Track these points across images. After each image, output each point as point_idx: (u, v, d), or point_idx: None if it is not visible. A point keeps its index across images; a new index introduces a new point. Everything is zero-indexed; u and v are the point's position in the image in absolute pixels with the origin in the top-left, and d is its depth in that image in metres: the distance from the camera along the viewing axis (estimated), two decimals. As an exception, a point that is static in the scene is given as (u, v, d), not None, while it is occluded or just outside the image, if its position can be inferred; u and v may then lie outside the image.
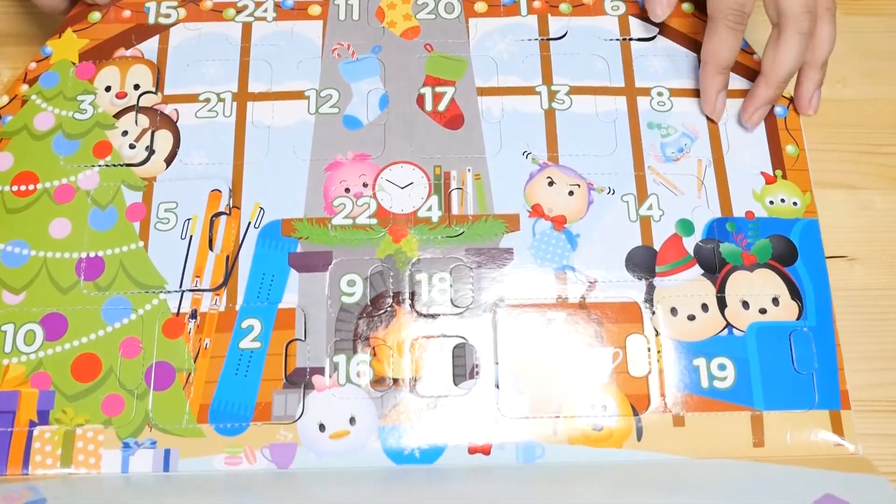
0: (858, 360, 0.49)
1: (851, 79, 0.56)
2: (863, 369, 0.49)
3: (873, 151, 0.54)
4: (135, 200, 0.49)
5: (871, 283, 0.51)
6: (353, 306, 0.48)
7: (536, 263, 0.48)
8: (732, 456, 0.45)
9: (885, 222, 0.53)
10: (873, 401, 0.48)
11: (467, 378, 0.46)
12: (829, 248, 0.50)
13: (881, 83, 0.56)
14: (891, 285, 0.51)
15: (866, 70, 0.57)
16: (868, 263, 0.51)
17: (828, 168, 0.53)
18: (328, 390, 0.46)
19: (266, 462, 0.45)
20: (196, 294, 0.47)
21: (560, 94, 0.52)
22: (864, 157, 0.54)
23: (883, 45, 0.58)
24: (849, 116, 0.55)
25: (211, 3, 0.54)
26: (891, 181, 0.54)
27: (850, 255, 0.52)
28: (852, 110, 0.55)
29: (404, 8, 0.54)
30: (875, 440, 0.47)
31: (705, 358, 0.47)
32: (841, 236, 0.52)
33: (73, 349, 0.46)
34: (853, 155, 0.54)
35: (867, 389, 0.48)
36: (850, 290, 0.51)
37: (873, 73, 0.57)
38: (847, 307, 0.50)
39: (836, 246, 0.51)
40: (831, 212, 0.52)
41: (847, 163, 0.54)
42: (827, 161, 0.54)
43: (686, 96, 0.52)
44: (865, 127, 0.55)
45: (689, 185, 0.50)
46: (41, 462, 0.44)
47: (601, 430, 0.45)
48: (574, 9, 0.55)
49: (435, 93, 0.52)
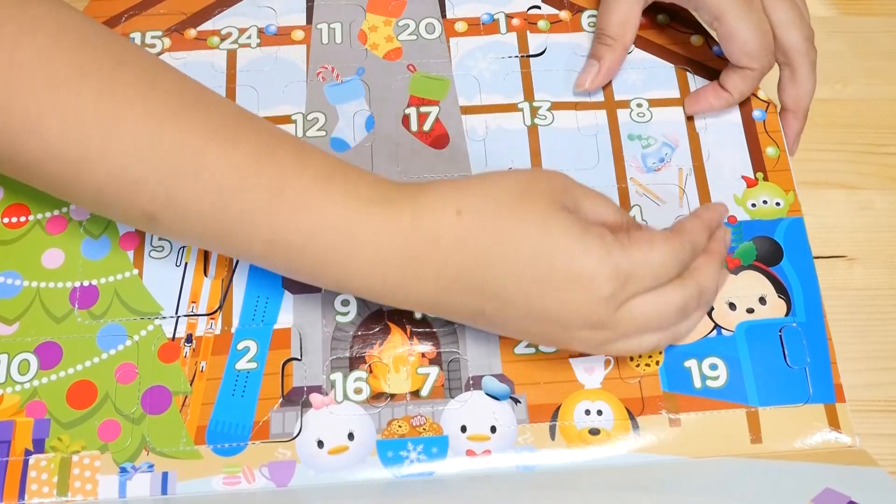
0: (858, 360, 0.49)
1: (851, 79, 0.57)
2: (862, 369, 0.49)
3: (873, 151, 0.55)
4: (128, 230, 0.50)
5: (870, 283, 0.51)
6: (347, 325, 0.48)
7: (527, 274, 0.49)
8: (731, 454, 0.45)
9: (884, 222, 0.53)
10: (873, 400, 0.48)
11: (463, 391, 0.46)
12: (828, 248, 0.51)
13: (881, 83, 0.57)
14: (890, 285, 0.51)
15: (866, 70, 0.57)
16: (867, 263, 0.52)
17: (827, 168, 0.54)
18: (326, 408, 0.46)
19: (265, 480, 0.44)
20: (191, 319, 0.48)
21: (542, 109, 0.53)
22: (864, 157, 0.54)
23: (883, 45, 0.58)
24: (848, 116, 0.55)
25: (195, 32, 0.55)
26: (891, 181, 0.54)
27: (849, 255, 0.52)
28: (852, 110, 0.56)
29: (386, 30, 0.55)
30: (875, 440, 0.47)
31: (696, 359, 0.47)
32: (840, 236, 0.52)
33: (67, 377, 0.46)
34: (853, 155, 0.54)
35: (867, 389, 0.48)
36: (850, 289, 0.51)
37: (873, 73, 0.57)
38: (846, 307, 0.50)
39: (835, 246, 0.52)
40: (831, 212, 0.52)
41: (847, 163, 0.54)
42: (826, 161, 0.54)
43: (664, 105, 0.53)
44: (865, 127, 0.55)
45: (670, 193, 0.51)
46: (37, 491, 0.44)
47: (598, 434, 0.46)
48: (552, 25, 0.56)
49: (420, 113, 0.53)
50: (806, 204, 0.51)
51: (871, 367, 0.49)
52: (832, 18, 0.58)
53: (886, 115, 0.56)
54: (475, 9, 0.56)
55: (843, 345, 0.48)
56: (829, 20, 0.58)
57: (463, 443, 0.45)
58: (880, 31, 0.58)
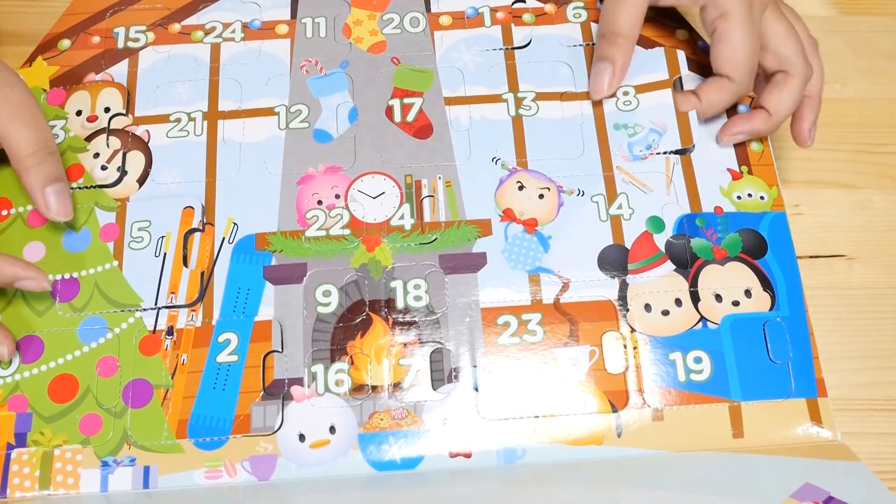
0: (857, 360, 0.49)
1: (851, 78, 0.57)
2: (862, 368, 0.48)
3: (872, 151, 0.54)
4: (108, 221, 0.49)
5: (869, 283, 0.51)
6: (329, 316, 0.48)
7: (510, 266, 0.49)
8: (713, 448, 0.45)
9: (883, 222, 0.53)
10: (872, 399, 0.48)
11: (446, 382, 0.46)
12: (827, 248, 0.51)
13: (881, 83, 0.57)
14: (889, 284, 0.51)
15: (866, 70, 0.57)
16: (867, 263, 0.51)
17: (827, 167, 0.53)
18: (307, 400, 0.46)
19: (246, 474, 0.44)
20: (172, 311, 0.47)
21: (526, 100, 0.53)
22: (863, 157, 0.54)
23: (883, 45, 0.58)
24: (848, 116, 0.55)
25: (179, 27, 0.55)
26: (889, 180, 0.54)
27: (848, 254, 0.51)
28: (851, 110, 0.55)
29: (370, 24, 0.55)
30: (874, 439, 0.47)
31: (681, 352, 0.47)
32: (839, 235, 0.52)
33: (49, 371, 0.46)
34: (852, 154, 0.54)
35: (866, 388, 0.48)
36: (849, 289, 0.51)
37: (873, 73, 0.57)
38: (846, 306, 0.50)
39: (834, 245, 0.51)
40: (830, 211, 0.52)
41: (846, 162, 0.54)
42: (826, 160, 0.54)
43: (651, 90, 0.53)
44: (864, 126, 0.55)
45: (657, 182, 0.51)
46: (19, 485, 0.44)
47: (581, 428, 0.45)
48: (537, 18, 0.56)
49: (403, 104, 0.53)
50: (805, 203, 0.51)
51: (870, 366, 0.49)
52: (832, 18, 0.58)
53: (886, 115, 0.56)
54: (460, 3, 0.56)
55: (843, 344, 0.48)
56: (828, 20, 0.58)
57: (445, 436, 0.45)
58: (880, 30, 0.58)
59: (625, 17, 0.51)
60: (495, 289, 0.48)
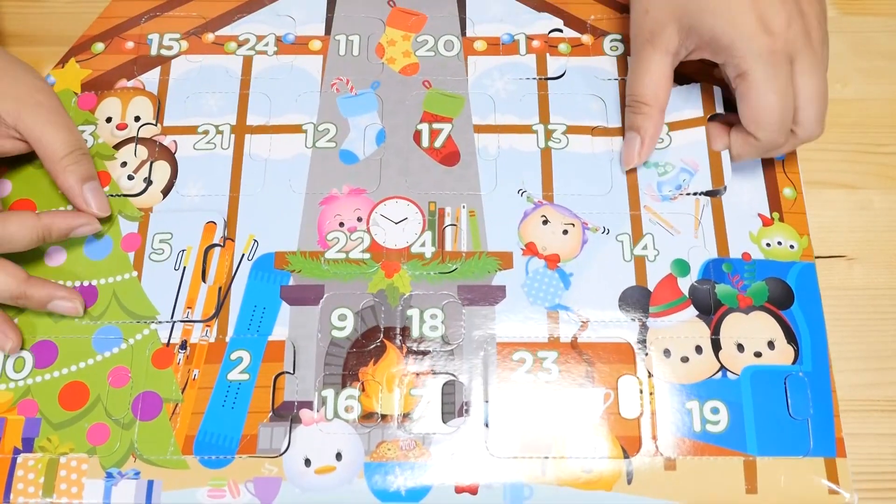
0: (857, 360, 0.48)
1: (851, 78, 0.56)
2: (861, 369, 0.48)
3: (872, 151, 0.54)
4: (130, 231, 0.49)
5: (869, 283, 0.51)
6: (343, 340, 0.47)
7: (529, 301, 0.48)
8: (724, 502, 0.44)
9: (883, 222, 0.52)
10: (871, 400, 0.48)
11: (456, 416, 0.46)
12: (827, 248, 0.50)
13: (880, 83, 0.56)
14: (889, 284, 0.51)
15: (866, 70, 0.56)
16: (866, 263, 0.51)
17: (826, 167, 0.53)
18: (315, 425, 0.45)
19: (250, 496, 0.44)
20: (187, 325, 0.47)
21: (557, 133, 0.52)
22: (863, 157, 0.54)
23: (883, 45, 0.57)
24: (848, 116, 0.55)
25: (213, 37, 0.55)
26: (889, 181, 0.53)
27: (848, 254, 0.51)
28: (851, 110, 0.55)
29: (404, 45, 0.55)
30: (874, 439, 0.47)
31: (698, 401, 0.46)
32: (839, 236, 0.51)
33: (61, 377, 0.46)
34: (852, 154, 0.54)
35: (865, 389, 0.48)
36: (849, 289, 0.50)
37: (873, 73, 0.56)
38: (845, 307, 0.50)
39: (834, 246, 0.51)
40: (830, 211, 0.52)
41: (846, 162, 0.54)
42: (825, 160, 0.53)
43: (684, 128, 0.52)
44: (864, 126, 0.55)
45: (685, 224, 0.50)
46: (23, 490, 0.44)
47: (591, 472, 0.45)
48: (573, 49, 0.55)
49: (432, 129, 0.52)
50: (805, 203, 0.50)
51: (870, 366, 0.48)
52: (832, 18, 0.58)
53: (886, 115, 0.55)
54: (496, 28, 0.55)
55: (843, 344, 0.48)
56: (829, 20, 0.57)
57: (452, 470, 0.44)
58: (880, 30, 0.58)
59: (648, 83, 0.49)
60: (513, 323, 0.48)
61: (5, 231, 0.45)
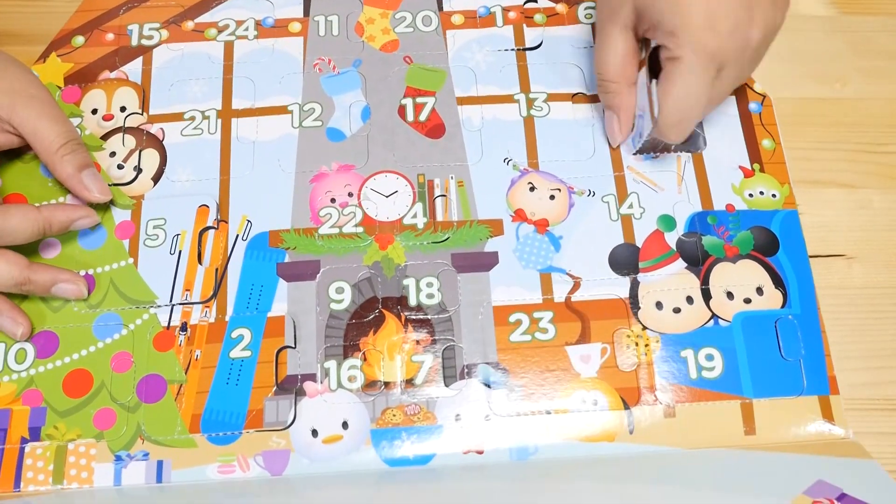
0: (857, 359, 0.49)
1: (851, 78, 0.56)
2: (861, 368, 0.48)
3: (871, 150, 0.54)
4: (123, 219, 0.50)
5: (869, 282, 0.51)
6: (342, 313, 0.48)
7: (521, 266, 0.49)
8: (724, 445, 0.45)
9: (883, 221, 0.53)
10: (871, 399, 0.48)
11: (458, 379, 0.46)
12: (827, 247, 0.51)
13: (881, 83, 0.56)
14: (889, 284, 0.51)
15: (866, 70, 0.57)
16: (866, 262, 0.51)
17: (826, 167, 0.53)
18: (320, 396, 0.46)
19: (259, 469, 0.45)
20: (186, 307, 0.48)
21: (538, 101, 0.53)
22: (863, 157, 0.54)
23: (882, 45, 0.58)
24: (847, 115, 0.55)
25: (192, 24, 0.55)
26: (889, 180, 0.54)
27: (848, 253, 0.51)
28: (851, 109, 0.55)
29: (382, 22, 0.55)
30: (874, 438, 0.47)
31: (693, 349, 0.47)
32: (839, 235, 0.52)
33: (64, 366, 0.46)
34: (851, 154, 0.54)
35: (865, 388, 0.48)
36: (849, 288, 0.50)
37: (872, 73, 0.57)
38: (845, 306, 0.50)
39: (834, 245, 0.51)
40: (830, 211, 0.52)
41: (845, 162, 0.54)
42: (825, 160, 0.54)
43: None
44: (864, 126, 0.55)
45: (669, 181, 0.51)
46: (33, 478, 0.44)
47: (593, 425, 0.46)
48: (548, 19, 0.56)
49: (416, 103, 0.53)
50: (805, 203, 0.51)
51: (869, 365, 0.49)
52: (832, 18, 0.58)
53: (885, 115, 0.55)
54: (472, 2, 0.56)
55: (842, 343, 0.48)
56: (828, 20, 0.58)
57: (457, 432, 0.45)
58: (879, 30, 0.58)
59: (612, 60, 0.49)
60: (507, 287, 0.48)
61: (7, 224, 0.45)
